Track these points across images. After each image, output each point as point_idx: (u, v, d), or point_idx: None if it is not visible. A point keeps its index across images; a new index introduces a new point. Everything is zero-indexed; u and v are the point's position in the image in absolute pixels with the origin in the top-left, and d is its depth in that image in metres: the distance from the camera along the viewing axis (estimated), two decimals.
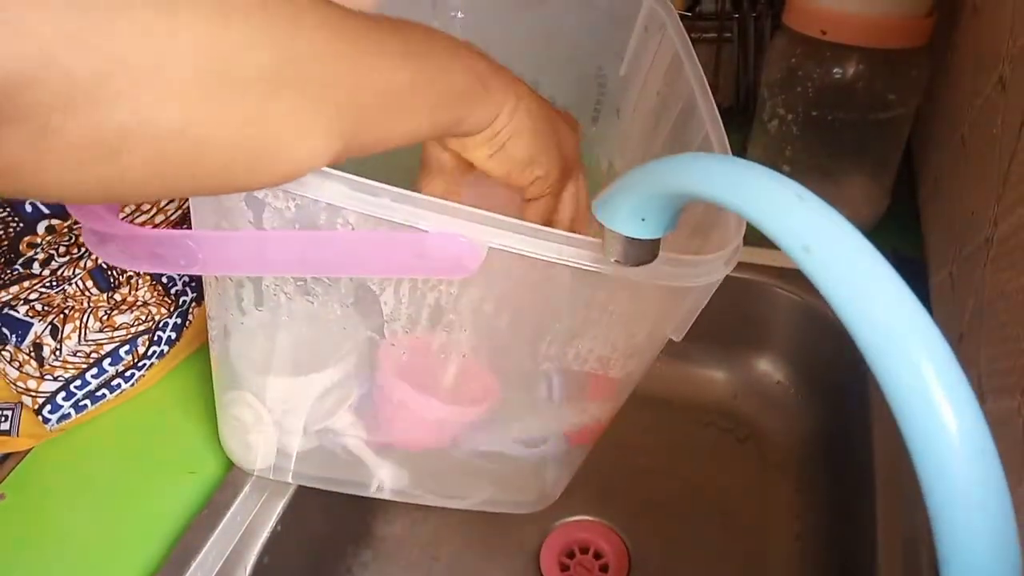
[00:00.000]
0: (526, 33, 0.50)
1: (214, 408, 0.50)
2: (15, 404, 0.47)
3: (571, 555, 0.55)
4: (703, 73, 0.40)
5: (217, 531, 0.42)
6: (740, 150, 0.72)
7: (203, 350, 0.55)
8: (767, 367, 0.65)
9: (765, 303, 0.62)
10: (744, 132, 0.68)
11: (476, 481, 0.47)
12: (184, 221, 0.51)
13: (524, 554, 0.55)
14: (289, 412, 0.41)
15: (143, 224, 0.47)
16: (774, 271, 0.61)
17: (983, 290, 0.43)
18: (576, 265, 0.29)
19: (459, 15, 0.52)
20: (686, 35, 0.43)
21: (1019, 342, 0.36)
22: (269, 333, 0.37)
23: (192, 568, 0.40)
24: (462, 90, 0.29)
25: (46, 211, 0.41)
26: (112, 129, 0.19)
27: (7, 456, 0.48)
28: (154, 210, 0.48)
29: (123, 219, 0.36)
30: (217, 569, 0.41)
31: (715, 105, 0.37)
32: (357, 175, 0.28)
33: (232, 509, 0.43)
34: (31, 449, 0.48)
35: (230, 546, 0.42)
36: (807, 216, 0.17)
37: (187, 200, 0.50)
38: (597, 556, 0.55)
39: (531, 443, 0.44)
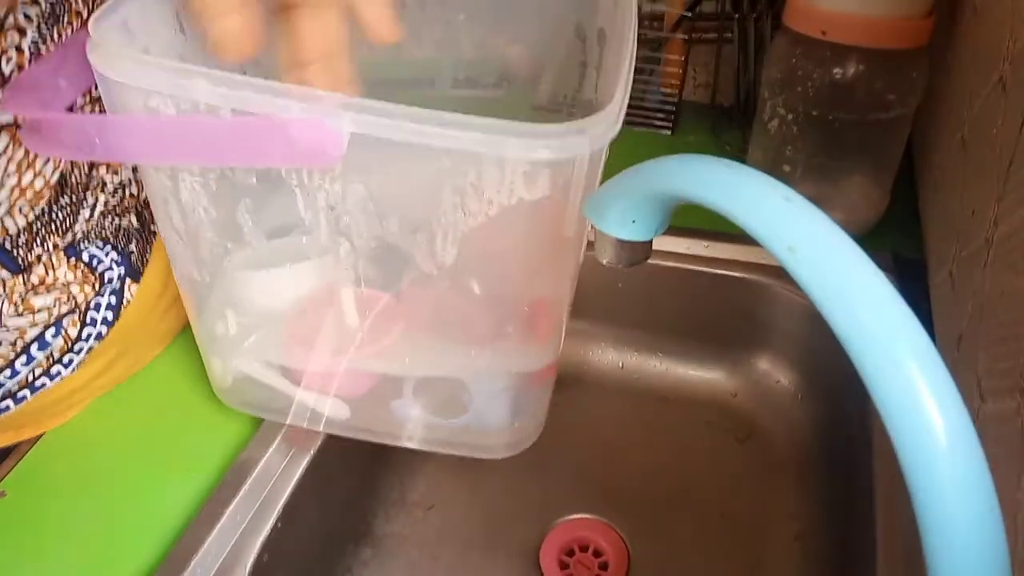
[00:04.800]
0: (512, 6, 0.50)
1: (213, 408, 0.50)
2: None
3: (571, 553, 0.55)
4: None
5: (216, 529, 0.42)
6: (740, 150, 0.72)
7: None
8: (767, 367, 0.65)
9: (765, 303, 0.62)
10: (744, 132, 0.68)
11: (414, 408, 0.47)
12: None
13: (524, 552, 0.55)
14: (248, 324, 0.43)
15: None
16: (774, 271, 0.61)
17: (983, 290, 0.43)
18: (441, 144, 0.28)
19: None
20: None
21: (1019, 342, 0.36)
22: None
23: (192, 566, 0.40)
24: None
25: None
26: None
27: (8, 454, 0.48)
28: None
29: None
30: (217, 567, 0.41)
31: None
32: None
33: (231, 507, 0.43)
34: (31, 448, 0.48)
35: (229, 544, 0.42)
36: (792, 217, 0.17)
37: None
38: (597, 554, 0.55)
39: (478, 379, 0.44)
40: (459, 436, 0.47)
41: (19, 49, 0.41)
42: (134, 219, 0.51)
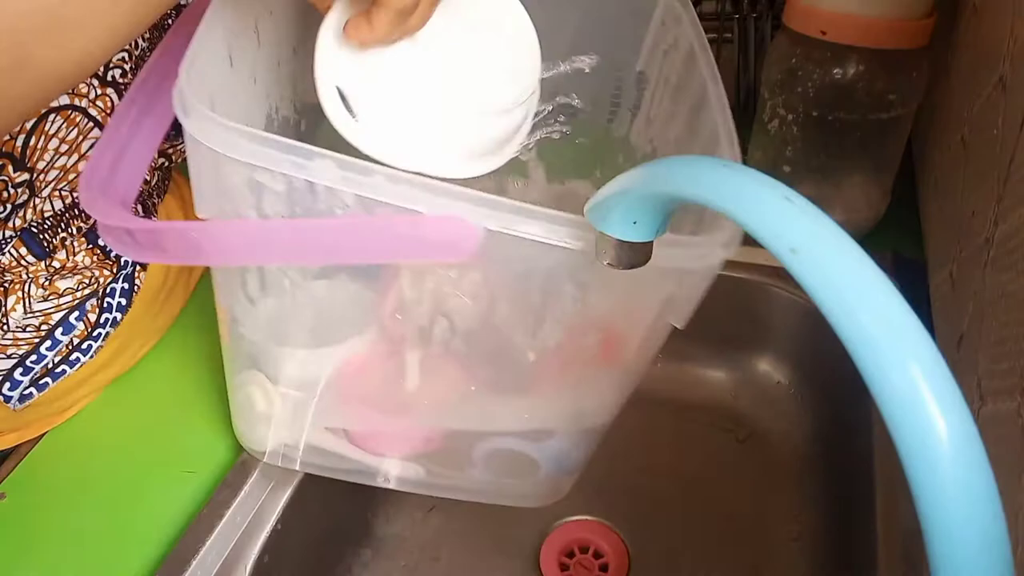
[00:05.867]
0: (542, 30, 0.50)
1: (214, 407, 0.50)
2: None
3: (571, 555, 0.55)
4: (715, 65, 0.39)
5: (217, 530, 0.42)
6: (740, 150, 0.72)
7: (196, 344, 0.55)
8: (767, 367, 0.65)
9: (765, 303, 0.62)
10: (744, 133, 0.68)
11: (482, 473, 0.47)
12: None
13: (524, 554, 0.55)
14: (302, 391, 0.41)
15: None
16: (774, 271, 0.61)
17: (983, 291, 0.43)
18: (577, 248, 0.29)
19: None
20: (701, 28, 0.43)
21: (1019, 343, 0.36)
22: (278, 315, 0.37)
23: (192, 566, 0.40)
24: None
25: None
26: None
27: (8, 456, 0.48)
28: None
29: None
30: (217, 568, 0.41)
31: (725, 97, 0.37)
32: None
33: (232, 508, 0.43)
34: (31, 450, 0.48)
35: (230, 545, 0.42)
36: (794, 217, 0.17)
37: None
38: (597, 556, 0.55)
39: (536, 437, 0.44)
40: (502, 487, 0.47)
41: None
42: (140, 209, 0.52)
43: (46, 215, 0.46)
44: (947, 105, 0.61)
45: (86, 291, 0.48)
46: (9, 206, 0.44)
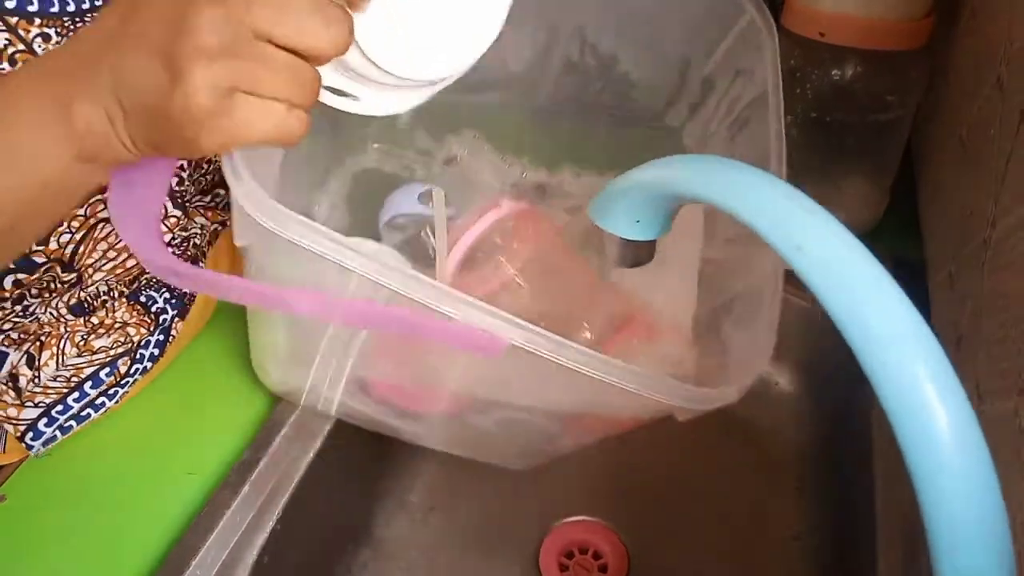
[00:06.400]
0: (619, 6, 0.49)
1: (213, 408, 0.50)
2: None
3: (570, 555, 0.55)
4: (782, 118, 0.41)
5: (216, 530, 0.42)
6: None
7: (197, 345, 0.55)
8: (767, 368, 0.65)
9: None
10: None
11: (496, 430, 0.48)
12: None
13: (523, 554, 0.55)
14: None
15: None
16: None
17: (982, 291, 0.43)
18: (590, 375, 0.31)
19: None
20: (779, 66, 0.43)
21: (1017, 343, 0.36)
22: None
23: (192, 567, 0.40)
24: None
25: (12, 266, 0.41)
26: None
27: None
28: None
29: None
30: (217, 567, 0.41)
31: (785, 156, 0.39)
32: None
33: (232, 508, 0.43)
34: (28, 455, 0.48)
35: (229, 545, 0.42)
36: (799, 216, 0.17)
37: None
38: (596, 556, 0.55)
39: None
40: (489, 449, 0.48)
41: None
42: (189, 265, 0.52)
43: (89, 293, 0.47)
44: (945, 106, 0.61)
45: (120, 350, 0.48)
46: (55, 293, 0.45)
